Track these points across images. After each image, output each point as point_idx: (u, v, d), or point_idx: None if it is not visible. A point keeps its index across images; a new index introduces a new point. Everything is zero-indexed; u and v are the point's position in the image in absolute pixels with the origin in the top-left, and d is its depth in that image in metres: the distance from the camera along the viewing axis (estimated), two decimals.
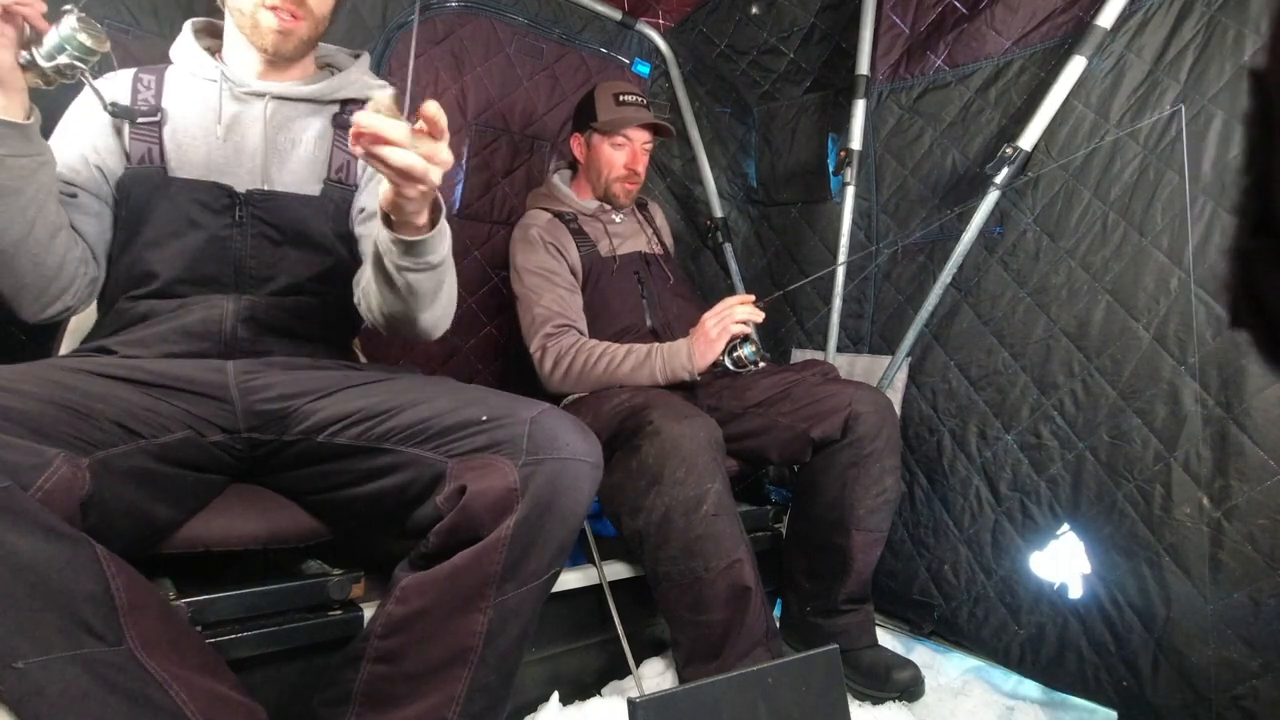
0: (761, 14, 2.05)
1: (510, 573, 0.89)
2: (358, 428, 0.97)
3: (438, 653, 0.89)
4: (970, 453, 1.57)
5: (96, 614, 0.68)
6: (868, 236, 1.82)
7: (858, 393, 1.49)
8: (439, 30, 1.88)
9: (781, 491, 1.86)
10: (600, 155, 1.73)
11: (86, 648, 0.67)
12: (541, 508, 0.89)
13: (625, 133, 1.70)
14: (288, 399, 1.02)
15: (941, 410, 1.63)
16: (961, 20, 1.64)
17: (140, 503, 0.86)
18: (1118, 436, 1.35)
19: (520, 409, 0.95)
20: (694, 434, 1.30)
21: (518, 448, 0.89)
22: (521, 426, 0.91)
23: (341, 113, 1.20)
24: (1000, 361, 1.53)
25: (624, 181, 1.73)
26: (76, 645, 0.66)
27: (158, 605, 0.76)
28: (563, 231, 1.69)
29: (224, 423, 1.00)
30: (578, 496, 0.92)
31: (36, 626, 0.64)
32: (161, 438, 0.90)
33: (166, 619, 0.76)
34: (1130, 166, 1.36)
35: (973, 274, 1.58)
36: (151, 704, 0.68)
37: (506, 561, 0.88)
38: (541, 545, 0.90)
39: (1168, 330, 1.29)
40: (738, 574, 1.27)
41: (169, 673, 0.71)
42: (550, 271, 1.63)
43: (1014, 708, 1.41)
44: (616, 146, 1.72)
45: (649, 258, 1.78)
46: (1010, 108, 1.55)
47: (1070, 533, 1.41)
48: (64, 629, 0.66)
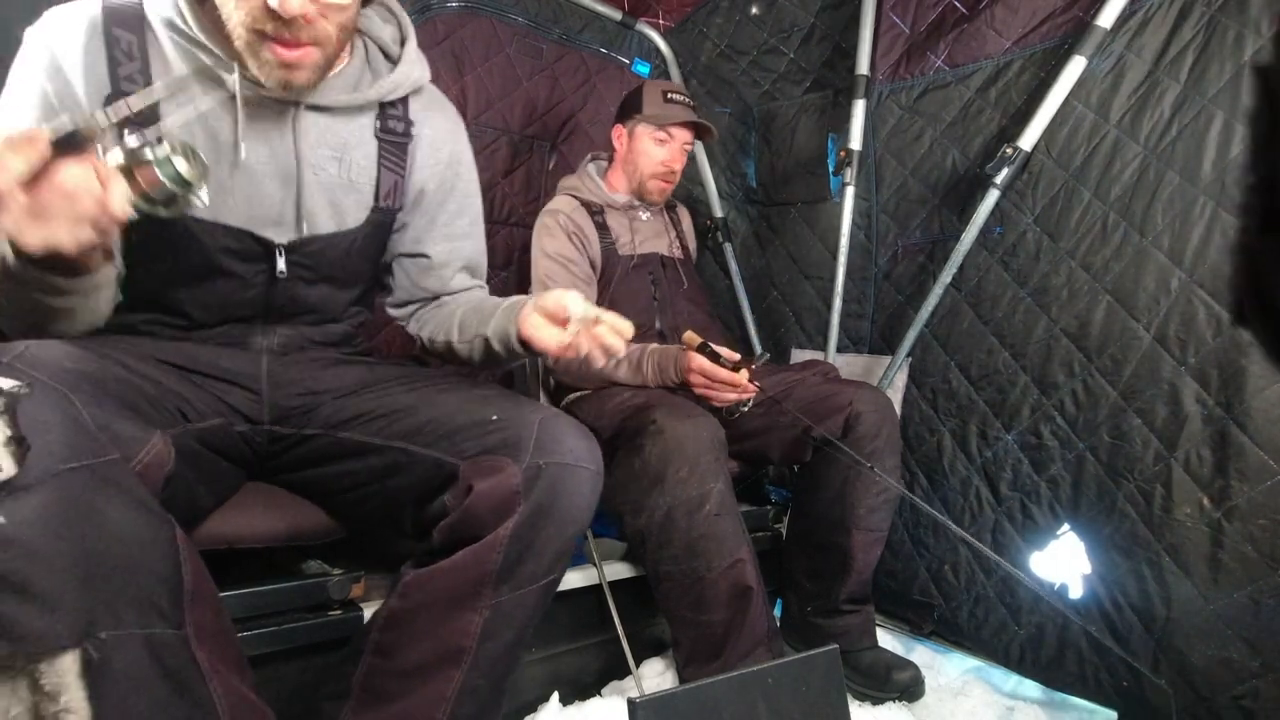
0: (761, 14, 2.05)
1: (507, 574, 0.89)
2: (375, 424, 0.98)
3: (431, 649, 0.89)
4: (970, 453, 1.57)
5: (167, 595, 0.69)
6: (868, 236, 1.82)
7: (858, 393, 1.49)
8: (439, 30, 1.88)
9: (781, 491, 1.86)
10: (640, 148, 1.72)
11: (155, 627, 0.67)
12: (541, 511, 0.89)
13: (668, 129, 1.70)
14: (312, 394, 1.02)
15: (941, 410, 1.63)
16: (961, 20, 1.64)
17: (191, 484, 0.87)
18: (1118, 436, 1.35)
19: (527, 411, 0.95)
20: (697, 434, 1.30)
21: (523, 449, 0.89)
22: (528, 429, 0.91)
23: (384, 115, 1.06)
24: (1000, 361, 1.53)
25: (660, 179, 1.73)
26: (147, 624, 0.67)
27: (214, 596, 0.77)
28: (587, 222, 1.68)
29: (250, 413, 1.00)
30: (579, 502, 0.92)
31: (119, 599, 0.65)
32: (200, 422, 0.91)
33: (218, 611, 0.77)
34: (1130, 166, 1.36)
35: (973, 274, 1.58)
36: (191, 694, 0.69)
37: (503, 562, 0.88)
38: (540, 548, 0.90)
39: (1168, 330, 1.29)
40: (739, 574, 1.27)
41: (210, 665, 0.71)
42: (569, 260, 1.63)
43: (1014, 708, 1.41)
44: (658, 142, 1.71)
45: (666, 260, 1.77)
46: (1010, 108, 1.55)
47: (1070, 533, 1.41)
48: (139, 606, 0.66)
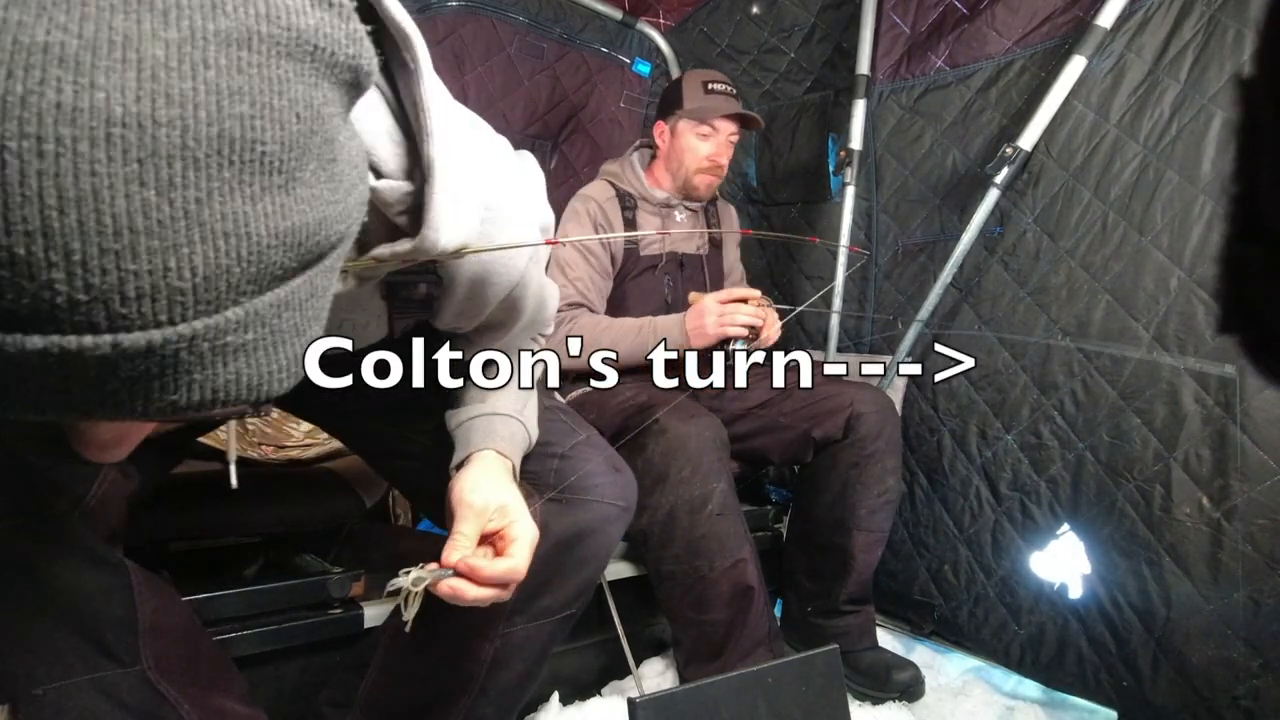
0: (762, 14, 2.05)
1: (522, 605, 0.85)
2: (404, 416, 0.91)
3: (440, 675, 0.87)
4: (970, 453, 1.57)
5: (117, 637, 0.69)
6: (868, 236, 1.82)
7: (859, 393, 1.49)
8: (439, 30, 1.88)
9: (781, 491, 1.86)
10: (684, 144, 1.65)
11: (103, 670, 0.67)
12: (561, 547, 0.85)
13: (712, 122, 1.63)
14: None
15: (941, 410, 1.63)
16: (962, 20, 1.64)
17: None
18: (1118, 436, 1.35)
19: (557, 437, 0.90)
20: (700, 433, 1.30)
21: (543, 481, 0.86)
22: (550, 460, 0.87)
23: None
24: (1000, 361, 1.53)
25: (706, 173, 1.65)
26: (94, 669, 0.67)
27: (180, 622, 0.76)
28: (618, 216, 1.65)
29: None
30: (603, 541, 0.88)
31: (62, 653, 0.65)
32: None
33: (188, 638, 0.76)
34: (1130, 166, 1.36)
35: (973, 274, 1.58)
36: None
37: (519, 593, 0.83)
38: (559, 584, 0.87)
39: (1168, 330, 1.29)
40: (741, 574, 1.27)
41: (179, 691, 0.72)
42: (589, 251, 1.60)
43: (1014, 708, 1.41)
44: (702, 136, 1.64)
45: (687, 259, 1.71)
46: (1010, 108, 1.55)
47: (1070, 533, 1.41)
48: (85, 654, 0.67)
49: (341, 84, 0.36)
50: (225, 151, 0.30)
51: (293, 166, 0.33)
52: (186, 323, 0.30)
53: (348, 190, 0.38)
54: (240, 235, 0.31)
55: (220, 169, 0.30)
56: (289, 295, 0.35)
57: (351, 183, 0.39)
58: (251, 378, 0.35)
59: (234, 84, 0.30)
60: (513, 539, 0.72)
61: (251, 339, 0.33)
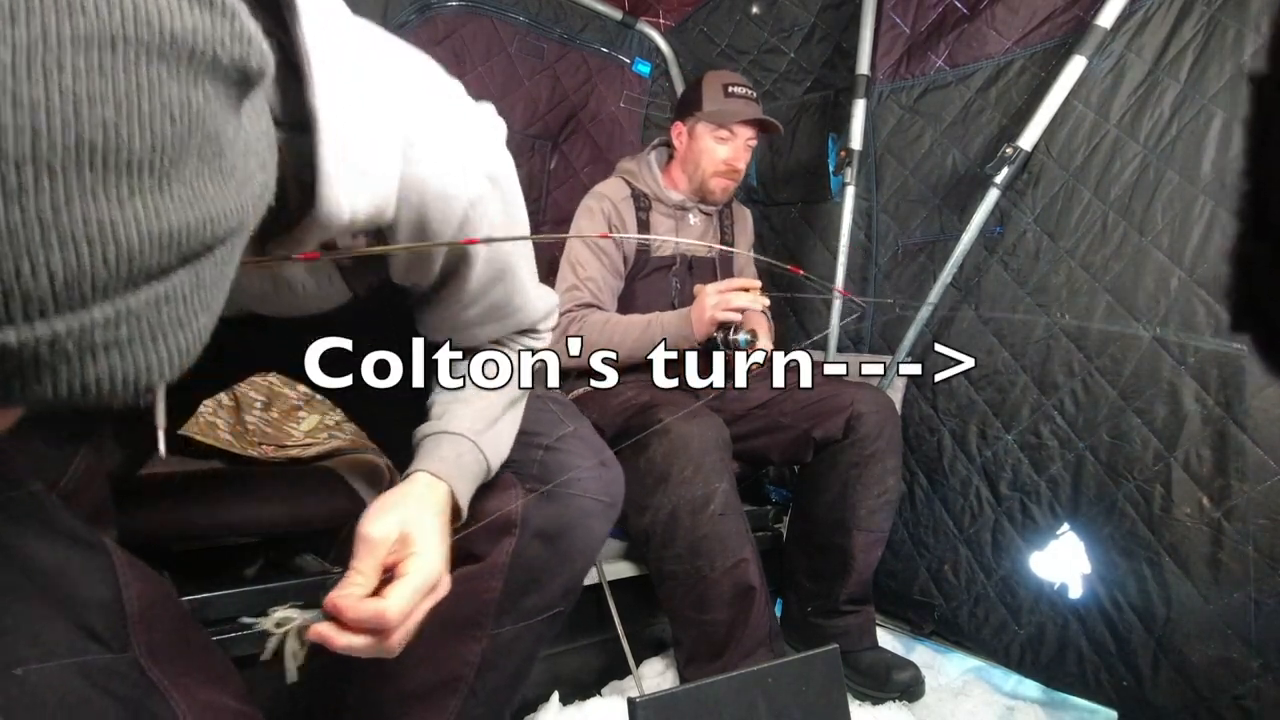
0: (762, 14, 2.05)
1: (509, 604, 0.84)
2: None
3: (429, 676, 0.85)
4: (970, 453, 1.58)
5: (104, 621, 0.67)
6: (868, 236, 1.82)
7: (859, 393, 1.49)
8: (439, 30, 1.88)
9: (781, 491, 1.86)
10: (701, 147, 1.64)
11: (89, 654, 0.66)
12: (544, 541, 0.84)
13: (731, 126, 1.62)
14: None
15: (941, 410, 1.63)
16: (962, 20, 1.64)
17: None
18: (1118, 436, 1.35)
19: (544, 427, 0.88)
20: (702, 433, 1.30)
21: (526, 472, 0.84)
22: (535, 451, 0.86)
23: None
24: (1000, 361, 1.53)
25: (722, 177, 1.64)
26: (80, 652, 0.65)
27: (171, 612, 0.75)
28: (632, 216, 1.65)
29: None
30: (587, 537, 0.86)
31: (43, 633, 0.64)
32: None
33: (178, 626, 0.75)
34: (1130, 166, 1.36)
35: (973, 274, 1.58)
36: (148, 712, 0.68)
37: (505, 592, 0.83)
38: (545, 582, 0.86)
39: (1168, 330, 1.29)
40: (743, 574, 1.27)
41: (171, 681, 0.70)
42: (602, 250, 1.60)
43: (1014, 708, 1.41)
44: (720, 140, 1.62)
45: (695, 261, 1.70)
46: (1010, 108, 1.55)
47: (1070, 533, 1.41)
48: (69, 636, 0.65)
49: (228, 81, 0.34)
50: (85, 157, 0.29)
51: (166, 168, 0.31)
52: (45, 321, 0.29)
53: (241, 183, 0.37)
54: (106, 239, 0.30)
55: (80, 174, 0.29)
56: (169, 290, 0.34)
57: (246, 174, 0.37)
58: (128, 371, 0.34)
59: (93, 88, 0.29)
60: (399, 575, 0.63)
61: (125, 334, 0.32)
